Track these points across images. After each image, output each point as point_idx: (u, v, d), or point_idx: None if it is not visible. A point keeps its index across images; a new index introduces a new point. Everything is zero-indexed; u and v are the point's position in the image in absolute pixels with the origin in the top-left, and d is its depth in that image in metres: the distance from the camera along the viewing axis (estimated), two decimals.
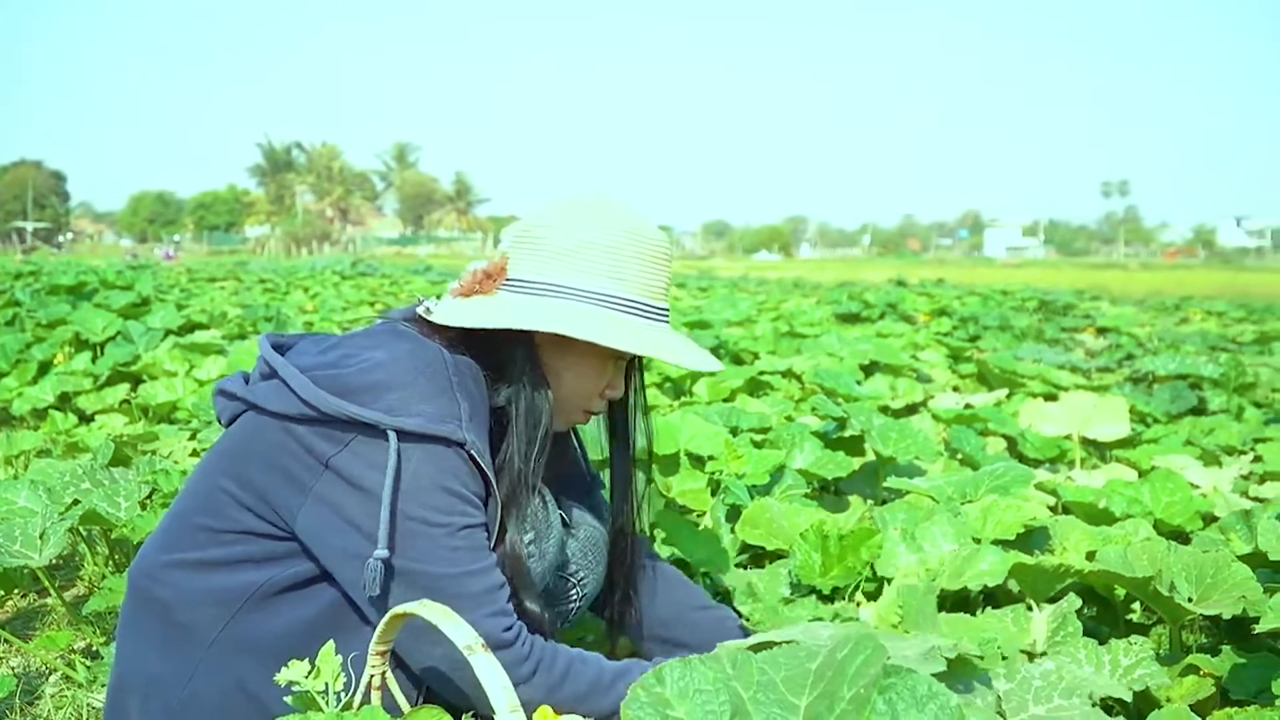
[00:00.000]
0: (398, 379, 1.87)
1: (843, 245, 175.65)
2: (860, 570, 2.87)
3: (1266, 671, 2.36)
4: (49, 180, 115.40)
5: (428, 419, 1.84)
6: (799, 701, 1.40)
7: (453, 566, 1.85)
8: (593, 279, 2.00)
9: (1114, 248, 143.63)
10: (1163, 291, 28.83)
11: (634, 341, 1.98)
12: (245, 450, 1.96)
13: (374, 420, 1.82)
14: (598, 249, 2.00)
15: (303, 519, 1.87)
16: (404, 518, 1.82)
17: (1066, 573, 2.69)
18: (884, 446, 4.18)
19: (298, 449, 1.87)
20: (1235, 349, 11.41)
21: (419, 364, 1.91)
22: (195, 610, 1.94)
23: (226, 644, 1.92)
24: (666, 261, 2.09)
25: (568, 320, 1.96)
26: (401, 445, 1.82)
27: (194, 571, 1.95)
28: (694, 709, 1.39)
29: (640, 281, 2.03)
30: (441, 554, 1.84)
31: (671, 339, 2.06)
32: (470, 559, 1.87)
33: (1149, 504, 3.55)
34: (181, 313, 9.92)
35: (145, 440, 4.81)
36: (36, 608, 3.42)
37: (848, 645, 1.42)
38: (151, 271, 21.25)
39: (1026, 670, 2.02)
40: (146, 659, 1.99)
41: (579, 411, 2.19)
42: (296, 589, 1.94)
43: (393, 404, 1.84)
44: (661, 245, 2.07)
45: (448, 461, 1.86)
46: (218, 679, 1.92)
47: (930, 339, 10.30)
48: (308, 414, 1.86)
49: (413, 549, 1.83)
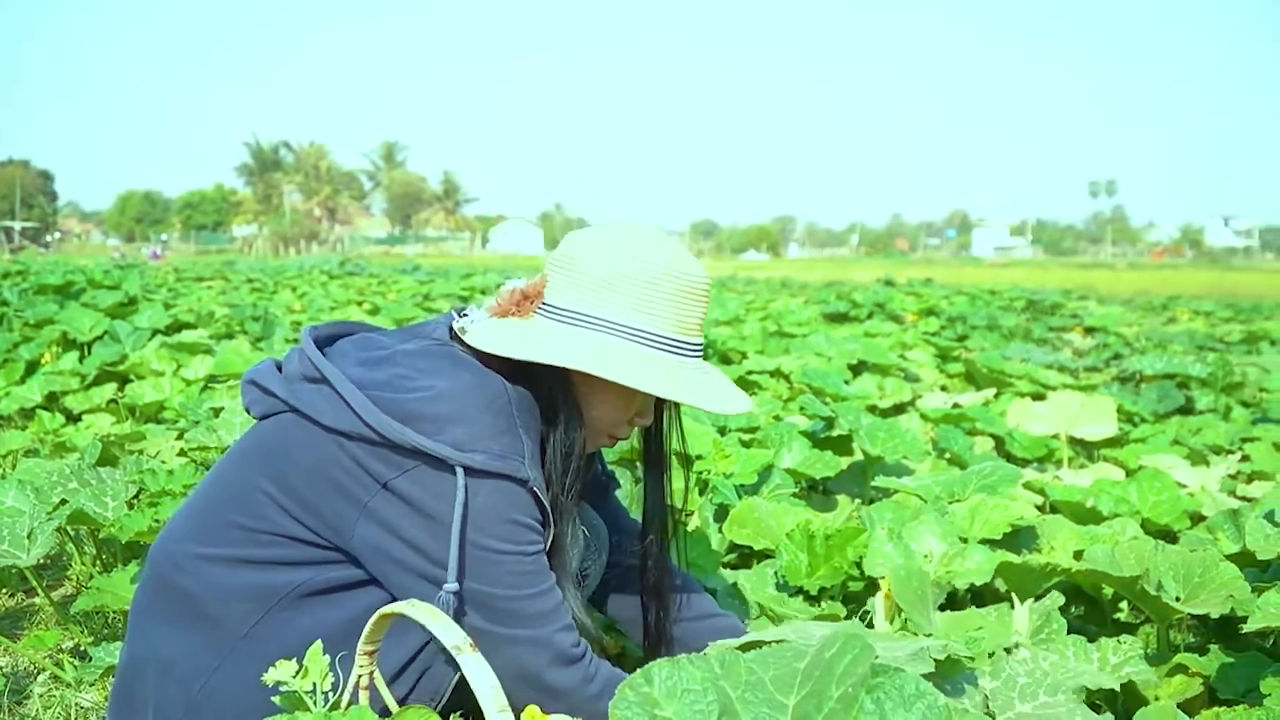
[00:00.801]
0: (464, 413, 1.88)
1: (831, 245, 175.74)
2: (847, 570, 2.88)
3: (1254, 671, 2.36)
4: (36, 179, 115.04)
5: (493, 456, 1.86)
6: (787, 701, 1.40)
7: (523, 589, 1.90)
8: (625, 312, 1.99)
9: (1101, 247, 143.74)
10: (1150, 291, 28.87)
11: (657, 383, 1.97)
12: (288, 455, 1.96)
13: (443, 455, 1.83)
14: (632, 281, 1.99)
15: (360, 534, 1.89)
16: (473, 547, 1.86)
17: (1054, 571, 2.70)
18: (872, 446, 4.18)
19: (352, 466, 1.88)
20: (1223, 348, 11.45)
21: (485, 399, 1.92)
22: (226, 604, 1.95)
23: (256, 640, 1.93)
24: (703, 297, 2.07)
25: (596, 357, 1.96)
26: (469, 480, 1.84)
27: (226, 567, 1.96)
28: (682, 708, 1.39)
29: (673, 317, 2.01)
30: (512, 579, 1.89)
31: (698, 379, 2.05)
32: (539, 580, 1.93)
33: (1136, 503, 3.56)
34: (169, 312, 9.90)
35: (132, 440, 4.79)
36: (24, 607, 3.41)
37: (835, 644, 1.42)
38: (139, 271, 21.21)
39: (1011, 669, 2.02)
40: (167, 645, 1.99)
41: (605, 436, 2.19)
42: (332, 592, 1.96)
43: (460, 438, 1.85)
44: (698, 280, 2.05)
45: (514, 496, 1.89)
46: (243, 673, 1.91)
47: (918, 339, 10.31)
48: (366, 435, 1.86)
49: (484, 575, 1.87)
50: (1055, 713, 1.92)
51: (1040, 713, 1.93)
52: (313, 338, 2.06)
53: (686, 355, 2.04)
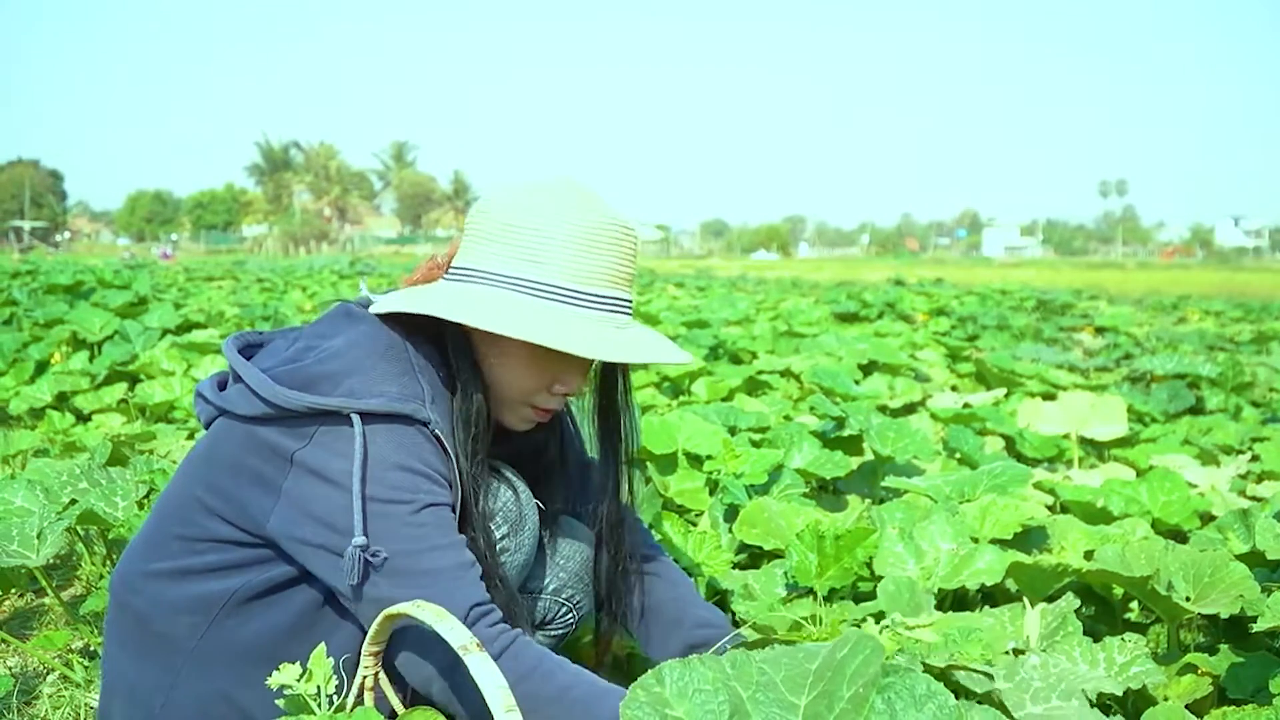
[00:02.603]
0: (359, 363, 1.86)
1: (841, 245, 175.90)
2: (857, 570, 2.87)
3: (1264, 670, 2.35)
4: (46, 179, 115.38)
5: (390, 399, 1.81)
6: (798, 701, 1.40)
7: (418, 543, 1.79)
8: (510, 264, 1.90)
9: (1112, 247, 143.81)
10: (1160, 291, 28.84)
11: (523, 328, 1.84)
12: (214, 456, 1.95)
13: (336, 406, 1.79)
14: (519, 231, 1.90)
15: (274, 520, 1.84)
16: (372, 501, 1.77)
17: (1064, 572, 2.69)
18: (882, 446, 4.18)
19: (263, 448, 1.86)
20: (1233, 348, 11.43)
21: (378, 347, 1.90)
22: (173, 619, 1.94)
23: (205, 652, 1.92)
24: (610, 246, 1.93)
25: (460, 305, 1.89)
26: (366, 428, 1.79)
27: (169, 582, 1.95)
28: (693, 708, 1.39)
29: (566, 266, 1.89)
30: (405, 531, 1.79)
31: (587, 328, 1.89)
32: (437, 535, 1.81)
33: (1147, 503, 3.55)
34: (179, 312, 9.91)
35: (143, 440, 4.80)
36: (34, 607, 3.42)
37: (847, 645, 1.42)
38: (149, 271, 21.25)
39: (1025, 672, 2.01)
40: (127, 667, 2.00)
41: (524, 407, 2.05)
42: (271, 593, 1.92)
43: (355, 387, 1.82)
44: (599, 228, 1.92)
45: (410, 439, 1.82)
46: (197, 687, 1.92)
47: (928, 338, 10.29)
48: (269, 413, 1.84)
49: (381, 532, 1.77)
50: (1065, 714, 1.91)
51: (1051, 714, 1.92)
52: (246, 341, 2.05)
53: (586, 306, 1.90)
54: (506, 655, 1.76)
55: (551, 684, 1.77)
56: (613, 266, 1.94)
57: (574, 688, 1.78)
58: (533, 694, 1.73)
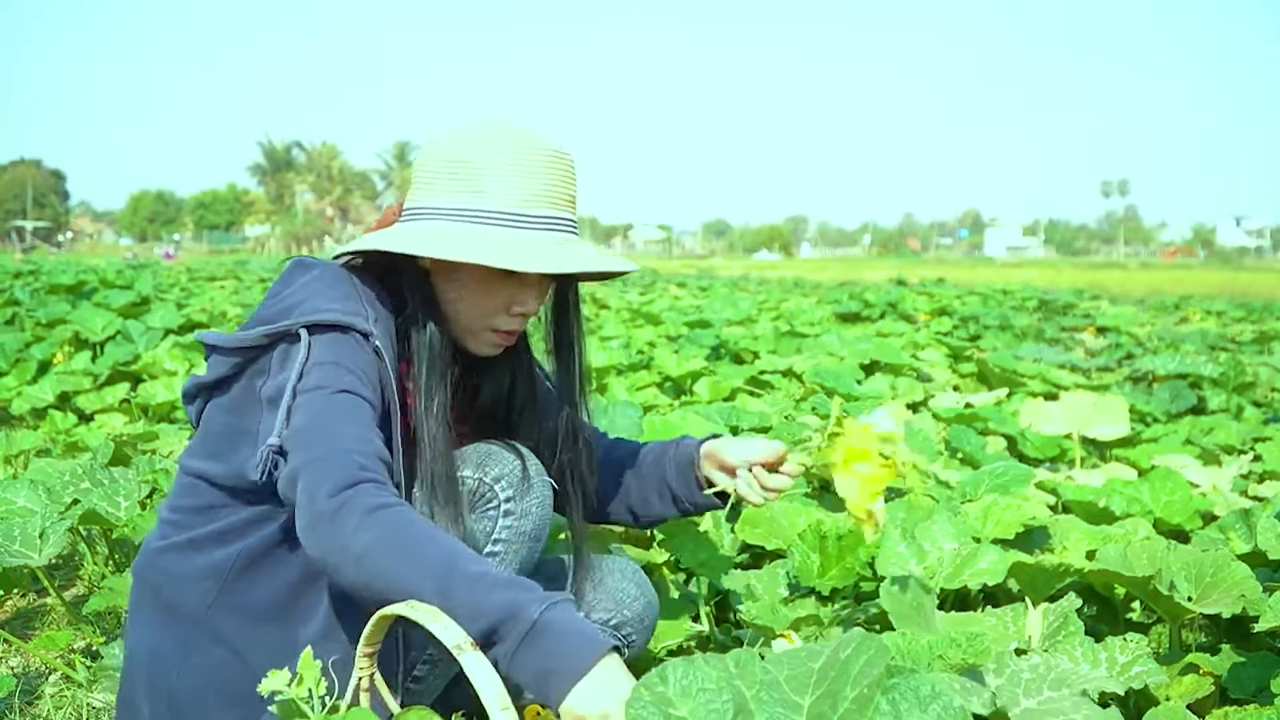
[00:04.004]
0: (309, 296, 1.93)
1: (843, 244, 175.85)
2: (859, 570, 2.87)
3: (1265, 670, 2.36)
4: (48, 179, 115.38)
5: (335, 312, 1.88)
6: (802, 701, 1.40)
7: (326, 412, 1.78)
8: (454, 197, 1.99)
9: (1114, 247, 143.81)
10: (1162, 291, 28.83)
11: (467, 250, 1.93)
12: (205, 429, 2.04)
13: (285, 326, 1.87)
14: (460, 166, 1.99)
15: (252, 464, 1.82)
16: (299, 393, 1.81)
17: (1066, 572, 2.69)
18: None
19: (241, 398, 1.95)
20: (1234, 348, 11.43)
21: (327, 282, 1.97)
22: (187, 587, 1.99)
23: (217, 618, 1.96)
24: (544, 169, 2.01)
25: (409, 239, 1.98)
26: (312, 338, 1.85)
27: (179, 554, 2.01)
28: (697, 708, 1.39)
29: (504, 192, 1.98)
30: (318, 405, 1.79)
31: (523, 244, 1.96)
32: (350, 412, 1.80)
33: (1149, 503, 3.55)
34: (181, 312, 9.90)
35: (145, 440, 4.80)
36: (36, 607, 3.42)
37: (850, 645, 1.42)
38: (151, 271, 21.23)
39: (1015, 665, 2.01)
40: (147, 639, 2.04)
41: (487, 332, 2.10)
42: (274, 550, 1.96)
43: (304, 310, 1.89)
44: (533, 154, 2.01)
45: (348, 344, 1.87)
46: (211, 652, 1.96)
47: (930, 338, 10.28)
48: (237, 361, 1.94)
49: (296, 415, 1.79)
50: (1060, 706, 1.91)
51: (1045, 707, 1.92)
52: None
53: (527, 228, 1.98)
54: (363, 523, 1.63)
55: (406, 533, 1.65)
56: (550, 188, 2.02)
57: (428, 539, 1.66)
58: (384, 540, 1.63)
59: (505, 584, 1.59)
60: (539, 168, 2.01)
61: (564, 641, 1.52)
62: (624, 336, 9.71)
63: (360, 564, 1.62)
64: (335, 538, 1.63)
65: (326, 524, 1.64)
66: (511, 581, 1.60)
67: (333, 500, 1.64)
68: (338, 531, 1.63)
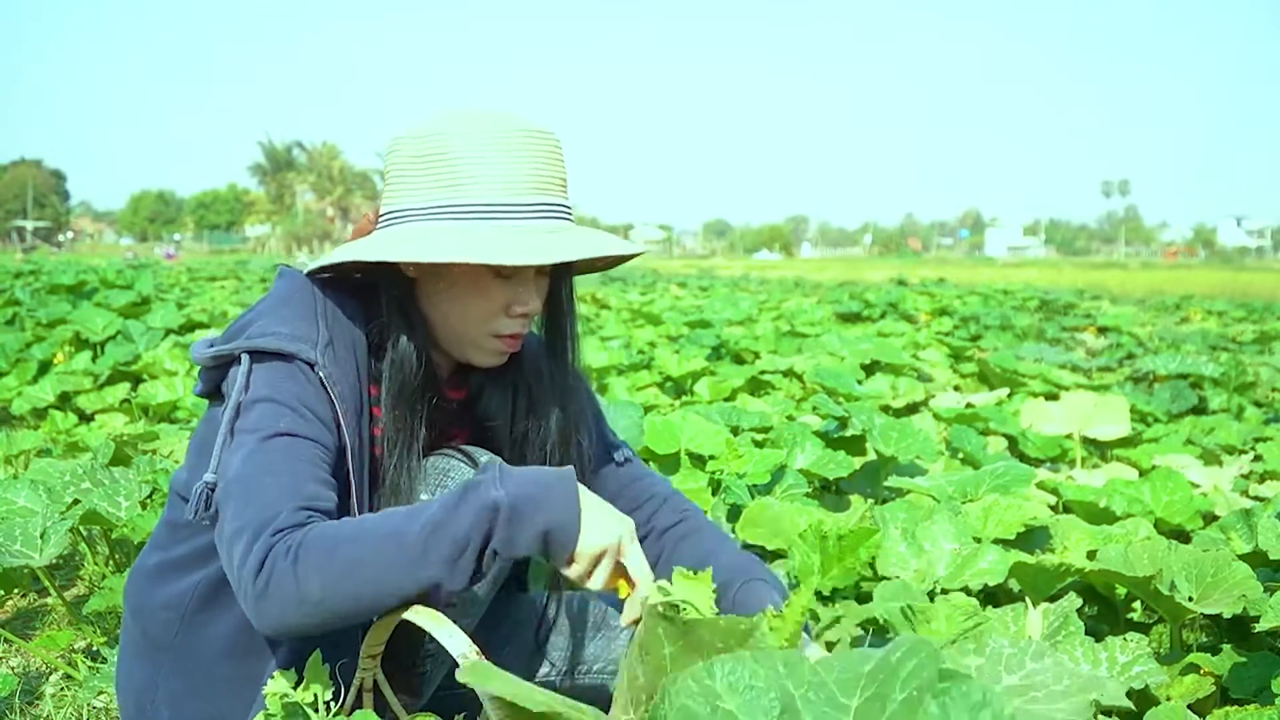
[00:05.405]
0: (264, 314, 1.84)
1: (843, 244, 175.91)
2: (859, 570, 2.87)
3: (1266, 670, 2.36)
4: (49, 179, 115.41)
5: (279, 337, 1.77)
6: (850, 702, 1.40)
7: (252, 468, 1.66)
8: (430, 194, 1.84)
9: (1114, 247, 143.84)
10: (1163, 291, 28.80)
11: (451, 250, 1.77)
12: (191, 440, 2.00)
13: (229, 350, 1.79)
14: (432, 160, 1.84)
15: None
16: (235, 434, 1.71)
17: (1067, 572, 2.69)
18: (885, 446, 4.17)
19: (214, 409, 1.90)
20: (1235, 348, 11.42)
21: (285, 296, 1.87)
22: (155, 617, 1.95)
23: (181, 651, 1.91)
24: (523, 152, 1.85)
25: (385, 246, 1.83)
26: (253, 365, 1.76)
27: (149, 580, 1.97)
28: (744, 703, 1.39)
29: (483, 182, 1.82)
30: (249, 456, 1.67)
31: (511, 236, 1.81)
32: (280, 461, 1.68)
33: (1149, 503, 3.55)
34: (182, 312, 9.89)
35: (145, 440, 4.80)
36: (37, 607, 3.42)
37: (901, 648, 1.42)
38: (151, 271, 21.22)
39: (995, 643, 2.00)
40: (125, 668, 2.03)
41: (488, 339, 1.94)
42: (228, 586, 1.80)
43: (251, 332, 1.80)
44: (509, 137, 1.84)
45: (287, 376, 1.75)
46: (174, 685, 1.92)
47: (931, 338, 10.28)
48: (209, 381, 1.88)
49: (227, 461, 1.70)
50: (1042, 678, 1.91)
51: (1028, 680, 1.92)
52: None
53: (513, 218, 1.83)
54: (302, 551, 1.57)
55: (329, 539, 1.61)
56: (533, 172, 1.85)
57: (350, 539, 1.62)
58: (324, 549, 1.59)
59: (455, 505, 1.60)
60: (520, 151, 1.84)
61: (539, 502, 1.61)
62: (624, 336, 9.72)
63: (325, 603, 1.56)
64: (284, 607, 1.57)
65: (265, 602, 1.57)
66: (456, 499, 1.61)
67: (259, 579, 1.56)
68: (282, 599, 1.56)
